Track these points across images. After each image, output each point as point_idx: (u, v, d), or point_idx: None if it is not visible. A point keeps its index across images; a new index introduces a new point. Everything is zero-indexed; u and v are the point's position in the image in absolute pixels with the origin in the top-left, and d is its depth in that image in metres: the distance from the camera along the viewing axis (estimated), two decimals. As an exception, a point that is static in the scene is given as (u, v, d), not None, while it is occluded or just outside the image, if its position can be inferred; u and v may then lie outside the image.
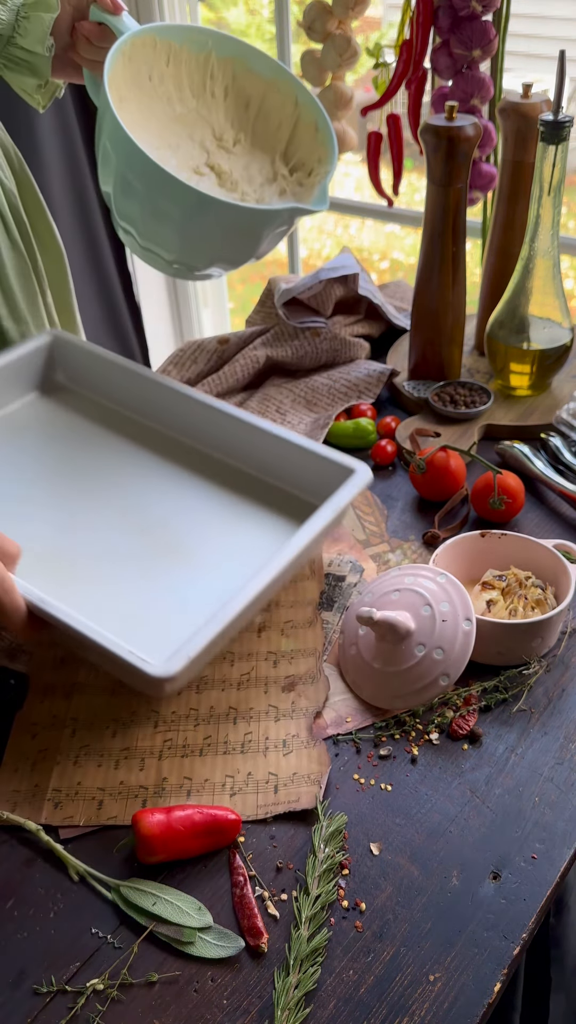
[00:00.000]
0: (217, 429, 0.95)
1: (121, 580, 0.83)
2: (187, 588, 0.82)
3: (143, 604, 0.80)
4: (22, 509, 0.89)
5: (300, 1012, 0.58)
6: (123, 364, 1.00)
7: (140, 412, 1.01)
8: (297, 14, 1.85)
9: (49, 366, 1.04)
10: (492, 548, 0.88)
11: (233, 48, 0.96)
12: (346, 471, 0.87)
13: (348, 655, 0.81)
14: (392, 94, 1.32)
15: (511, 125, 1.07)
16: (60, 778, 0.73)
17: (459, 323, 1.14)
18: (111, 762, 0.74)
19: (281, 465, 0.93)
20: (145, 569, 0.84)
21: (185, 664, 0.69)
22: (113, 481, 0.94)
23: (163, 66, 0.94)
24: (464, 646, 0.77)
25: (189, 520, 0.89)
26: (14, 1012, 0.59)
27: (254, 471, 0.95)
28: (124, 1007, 0.60)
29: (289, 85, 0.96)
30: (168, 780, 0.73)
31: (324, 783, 0.72)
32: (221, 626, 0.71)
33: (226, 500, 0.92)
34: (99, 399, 1.03)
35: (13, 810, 0.71)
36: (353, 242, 3.85)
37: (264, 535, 0.88)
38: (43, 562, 0.83)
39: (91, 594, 0.81)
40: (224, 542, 0.87)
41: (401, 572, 0.84)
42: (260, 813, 0.70)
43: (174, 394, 0.97)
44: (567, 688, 0.79)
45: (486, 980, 0.60)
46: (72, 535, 0.87)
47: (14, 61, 0.93)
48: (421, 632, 0.77)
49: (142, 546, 0.86)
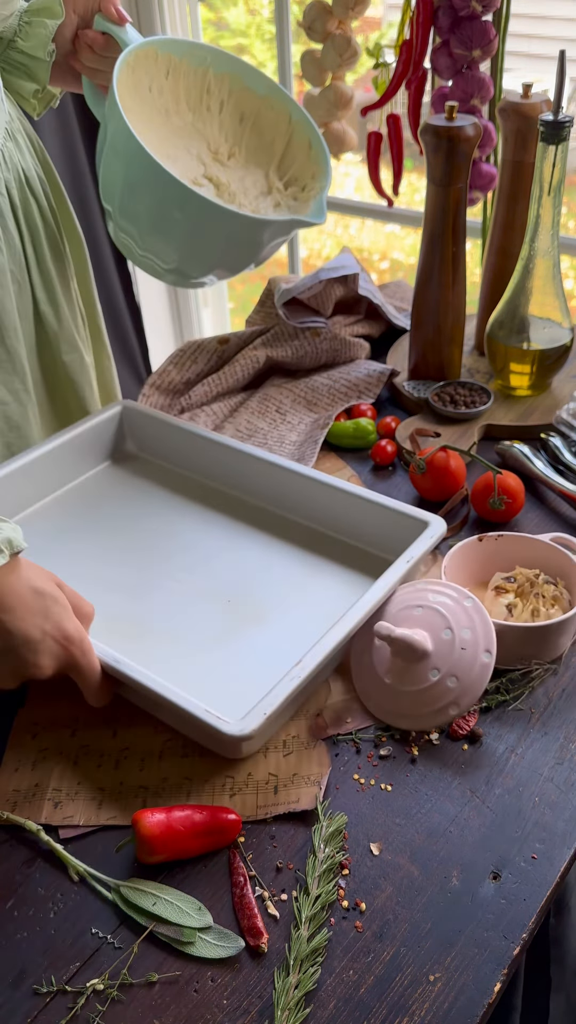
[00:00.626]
0: (286, 489, 0.96)
1: (194, 641, 0.83)
2: (261, 647, 0.82)
3: (217, 664, 0.81)
4: (96, 573, 0.91)
5: (300, 1012, 0.58)
6: (191, 429, 1.02)
7: (209, 475, 1.03)
8: (297, 14, 1.85)
9: (120, 435, 1.07)
10: (494, 550, 0.88)
11: (230, 64, 0.97)
12: (420, 524, 0.87)
13: (360, 662, 0.79)
14: (392, 94, 1.32)
15: (511, 125, 1.07)
16: (60, 778, 0.73)
17: (459, 323, 1.14)
18: (111, 762, 0.74)
19: (352, 521, 0.93)
20: (218, 630, 0.84)
21: (262, 722, 0.68)
22: (184, 544, 0.95)
23: (162, 79, 0.95)
24: (480, 678, 0.74)
25: (261, 580, 0.90)
26: (14, 1012, 0.59)
27: (324, 528, 0.95)
28: (124, 1007, 0.60)
29: (283, 103, 0.97)
30: (168, 780, 0.73)
31: (324, 784, 0.72)
32: (297, 683, 0.71)
33: (297, 558, 0.93)
34: (168, 465, 1.06)
35: (13, 810, 0.71)
36: (353, 242, 3.85)
37: (336, 592, 0.88)
38: (116, 624, 0.85)
39: (165, 655, 0.81)
40: (297, 600, 0.87)
41: (426, 587, 0.81)
42: (260, 814, 0.70)
43: (242, 456, 0.99)
44: (567, 688, 0.79)
45: (486, 980, 0.60)
46: (145, 598, 0.88)
47: (13, 64, 0.94)
48: (438, 656, 0.75)
49: (214, 607, 0.87)
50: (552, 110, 0.98)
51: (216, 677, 0.79)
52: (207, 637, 0.84)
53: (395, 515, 0.89)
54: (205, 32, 2.49)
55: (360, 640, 0.80)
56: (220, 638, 0.83)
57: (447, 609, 0.77)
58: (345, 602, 0.86)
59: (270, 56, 3.97)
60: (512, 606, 0.82)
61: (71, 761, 0.74)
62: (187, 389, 1.20)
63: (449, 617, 0.76)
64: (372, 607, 0.78)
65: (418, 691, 0.75)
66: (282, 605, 0.87)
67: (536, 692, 0.79)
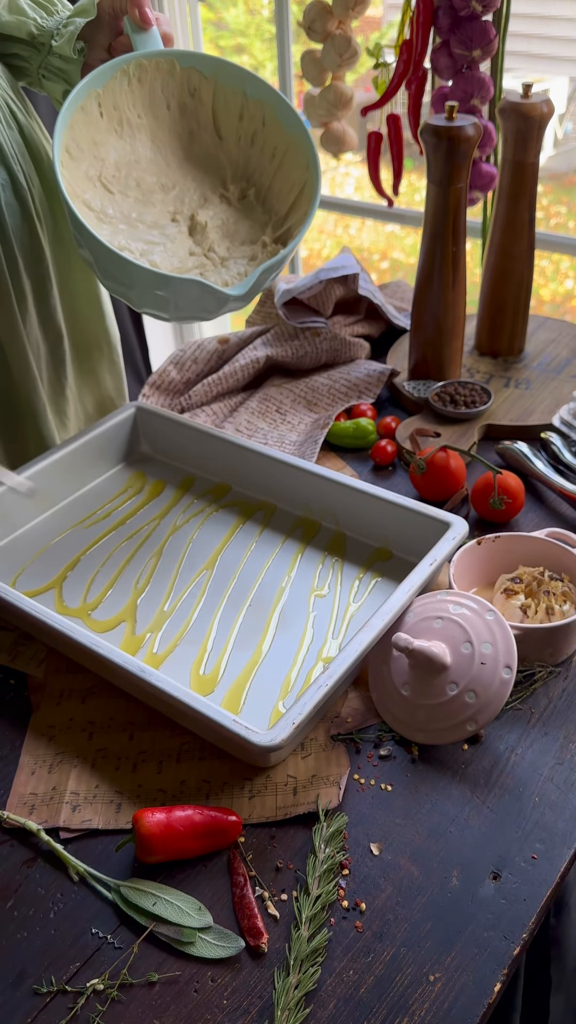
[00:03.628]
0: (302, 489, 0.96)
1: (211, 643, 0.83)
2: (285, 652, 0.82)
3: (239, 671, 0.80)
4: (113, 576, 0.91)
5: (300, 1012, 0.58)
6: (207, 430, 1.02)
7: (223, 476, 1.03)
8: (297, 14, 1.85)
9: (134, 437, 1.07)
10: (495, 551, 0.88)
11: (266, 92, 0.90)
12: (442, 525, 0.86)
13: (379, 673, 0.78)
14: (392, 94, 1.32)
15: (511, 125, 1.07)
16: (78, 781, 0.73)
17: (459, 323, 1.14)
18: (128, 765, 0.74)
19: (371, 522, 0.92)
20: (242, 635, 0.84)
21: (291, 732, 0.68)
22: (199, 545, 0.95)
23: (186, 95, 0.91)
24: (499, 695, 0.72)
25: (279, 582, 0.90)
26: (14, 1012, 0.59)
27: (344, 529, 0.95)
28: (124, 1007, 0.60)
29: (306, 146, 0.89)
30: (187, 783, 0.72)
31: (344, 784, 0.71)
32: (325, 691, 0.71)
33: (316, 560, 0.92)
34: (183, 466, 1.06)
35: (31, 813, 0.70)
36: (353, 242, 3.85)
37: (355, 594, 0.88)
38: (133, 625, 0.85)
39: (189, 662, 0.81)
40: (315, 603, 0.87)
41: (447, 598, 0.79)
42: (279, 815, 0.70)
43: (257, 456, 0.98)
44: (567, 688, 0.79)
45: (486, 980, 0.60)
46: (163, 600, 0.88)
47: (52, 71, 0.95)
48: (456, 670, 0.73)
49: (236, 611, 0.87)
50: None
51: (239, 684, 0.79)
52: (231, 642, 0.84)
53: (416, 516, 0.88)
54: (205, 32, 2.48)
55: (378, 650, 0.79)
56: (243, 644, 0.83)
57: (467, 622, 0.76)
58: (366, 605, 0.86)
59: (270, 56, 3.97)
60: (526, 607, 0.82)
61: (88, 764, 0.74)
62: (187, 389, 1.20)
63: (469, 630, 0.75)
64: (397, 611, 0.77)
65: (435, 705, 0.74)
66: (301, 608, 0.87)
67: (536, 692, 0.79)
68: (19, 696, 0.80)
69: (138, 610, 0.87)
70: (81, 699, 0.79)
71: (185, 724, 0.76)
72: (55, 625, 0.77)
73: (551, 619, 0.80)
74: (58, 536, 0.97)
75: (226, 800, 0.71)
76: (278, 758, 0.72)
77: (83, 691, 0.80)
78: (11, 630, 0.86)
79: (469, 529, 0.90)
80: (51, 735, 0.77)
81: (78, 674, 0.81)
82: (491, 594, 0.85)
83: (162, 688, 0.71)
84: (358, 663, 0.75)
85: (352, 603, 0.87)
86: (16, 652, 0.84)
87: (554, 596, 0.82)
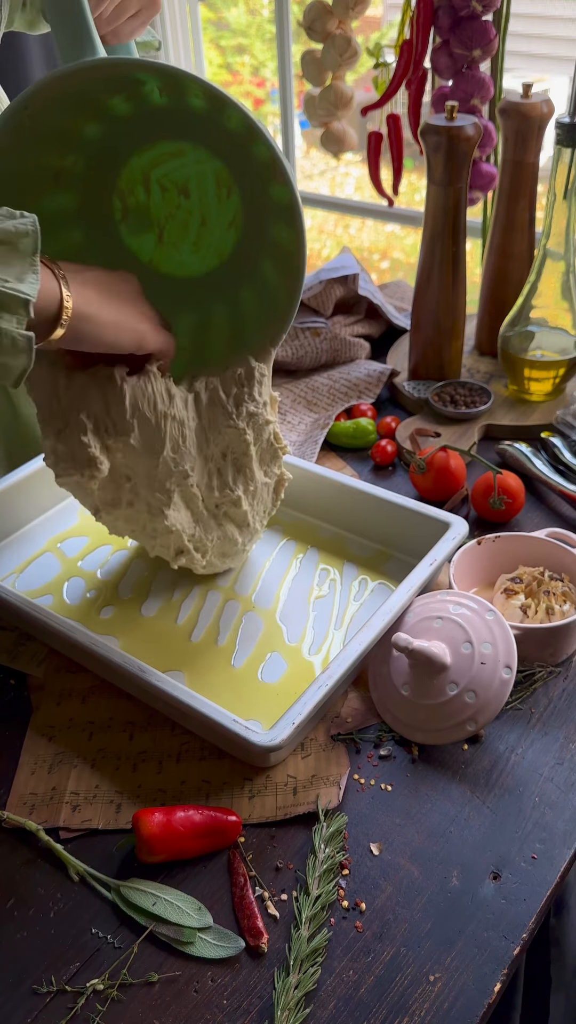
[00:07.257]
0: (304, 488, 0.96)
1: (217, 649, 0.83)
2: (286, 652, 0.82)
3: (240, 672, 0.80)
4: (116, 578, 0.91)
5: (300, 1012, 0.58)
6: None
7: None
8: (297, 14, 1.85)
9: None
10: (494, 551, 0.88)
11: None
12: (441, 525, 0.86)
13: (379, 673, 0.78)
14: (392, 94, 1.32)
15: (511, 125, 1.07)
16: (78, 781, 0.73)
17: (459, 323, 1.14)
18: (128, 765, 0.74)
19: (369, 522, 0.92)
20: (242, 635, 0.84)
21: (291, 732, 0.68)
22: None
23: None
24: (499, 695, 0.72)
25: (278, 582, 0.90)
26: (14, 1012, 0.59)
27: (342, 530, 0.95)
28: (124, 1007, 0.60)
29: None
30: (187, 783, 0.72)
31: (344, 784, 0.71)
32: (325, 691, 0.71)
33: (315, 561, 0.92)
34: None
35: (30, 813, 0.70)
36: (353, 242, 3.85)
37: (354, 594, 0.88)
38: (136, 628, 0.85)
39: (189, 664, 0.81)
40: (315, 603, 0.87)
41: (447, 598, 0.79)
42: (279, 815, 0.70)
43: None
44: (567, 688, 0.79)
45: (486, 980, 0.60)
46: (163, 602, 0.88)
47: None
48: (456, 670, 0.73)
49: (237, 611, 0.87)
50: (569, 112, 0.98)
51: (240, 685, 0.79)
52: (225, 639, 0.84)
53: (416, 516, 0.88)
54: (205, 32, 2.48)
55: (378, 650, 0.79)
56: (244, 645, 0.83)
57: (467, 622, 0.76)
58: (366, 605, 0.86)
59: (270, 56, 3.97)
60: (526, 607, 0.82)
61: (88, 764, 0.74)
62: (187, 389, 1.19)
63: (469, 630, 0.75)
64: (397, 611, 0.78)
65: (435, 705, 0.74)
66: (301, 608, 0.87)
67: (536, 692, 0.79)
68: (19, 696, 0.80)
69: (137, 610, 0.87)
70: (81, 699, 0.79)
71: (185, 724, 0.76)
72: (55, 625, 0.77)
73: (551, 619, 0.80)
74: (58, 536, 0.97)
75: (226, 800, 0.71)
76: (278, 758, 0.72)
77: (83, 691, 0.80)
78: (11, 630, 0.86)
79: (469, 529, 0.90)
80: (51, 735, 0.77)
81: (78, 674, 0.81)
82: (491, 594, 0.85)
83: (162, 688, 0.71)
84: (358, 663, 0.75)
85: (352, 603, 0.87)
86: (16, 652, 0.84)
87: (554, 596, 0.82)
